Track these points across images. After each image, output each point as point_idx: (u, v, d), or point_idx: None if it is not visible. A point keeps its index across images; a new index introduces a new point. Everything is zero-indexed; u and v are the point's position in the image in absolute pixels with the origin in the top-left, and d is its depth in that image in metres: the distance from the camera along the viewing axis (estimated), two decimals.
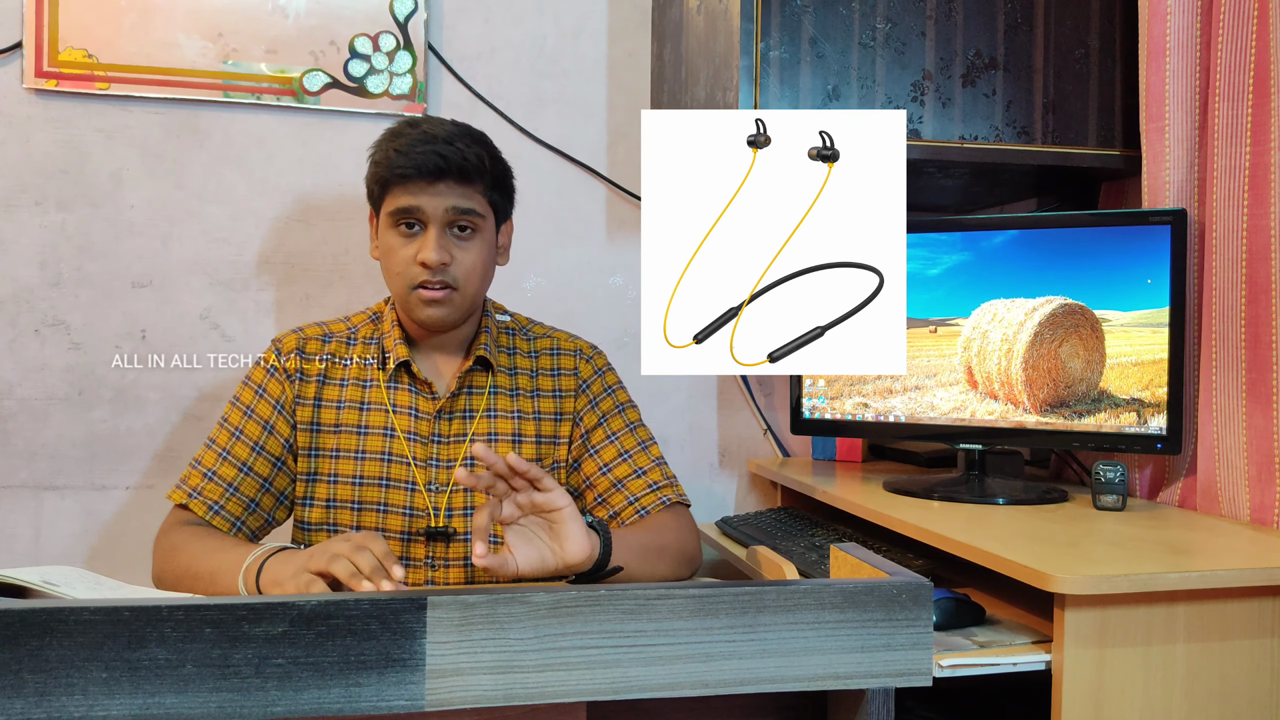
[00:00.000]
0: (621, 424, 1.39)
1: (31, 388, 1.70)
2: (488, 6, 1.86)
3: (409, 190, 1.26)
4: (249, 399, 1.33)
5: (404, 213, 1.28)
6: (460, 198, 1.28)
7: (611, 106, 1.91)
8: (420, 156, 1.25)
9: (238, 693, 0.64)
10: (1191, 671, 1.07)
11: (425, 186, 1.26)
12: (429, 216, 1.27)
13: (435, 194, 1.27)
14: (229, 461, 1.30)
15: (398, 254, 1.29)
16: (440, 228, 1.28)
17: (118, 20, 1.70)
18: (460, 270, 1.29)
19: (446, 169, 1.26)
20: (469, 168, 1.27)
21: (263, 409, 1.32)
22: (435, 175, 1.26)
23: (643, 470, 1.36)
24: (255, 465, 1.30)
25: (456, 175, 1.27)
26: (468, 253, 1.30)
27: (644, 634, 0.69)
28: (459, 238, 1.30)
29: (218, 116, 1.76)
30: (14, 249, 1.69)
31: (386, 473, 1.31)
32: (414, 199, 1.26)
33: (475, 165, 1.28)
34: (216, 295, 1.76)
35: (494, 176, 1.32)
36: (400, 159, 1.26)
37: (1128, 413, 1.41)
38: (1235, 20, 1.35)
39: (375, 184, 1.31)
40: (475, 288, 1.32)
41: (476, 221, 1.30)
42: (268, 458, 1.31)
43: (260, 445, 1.31)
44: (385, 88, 1.79)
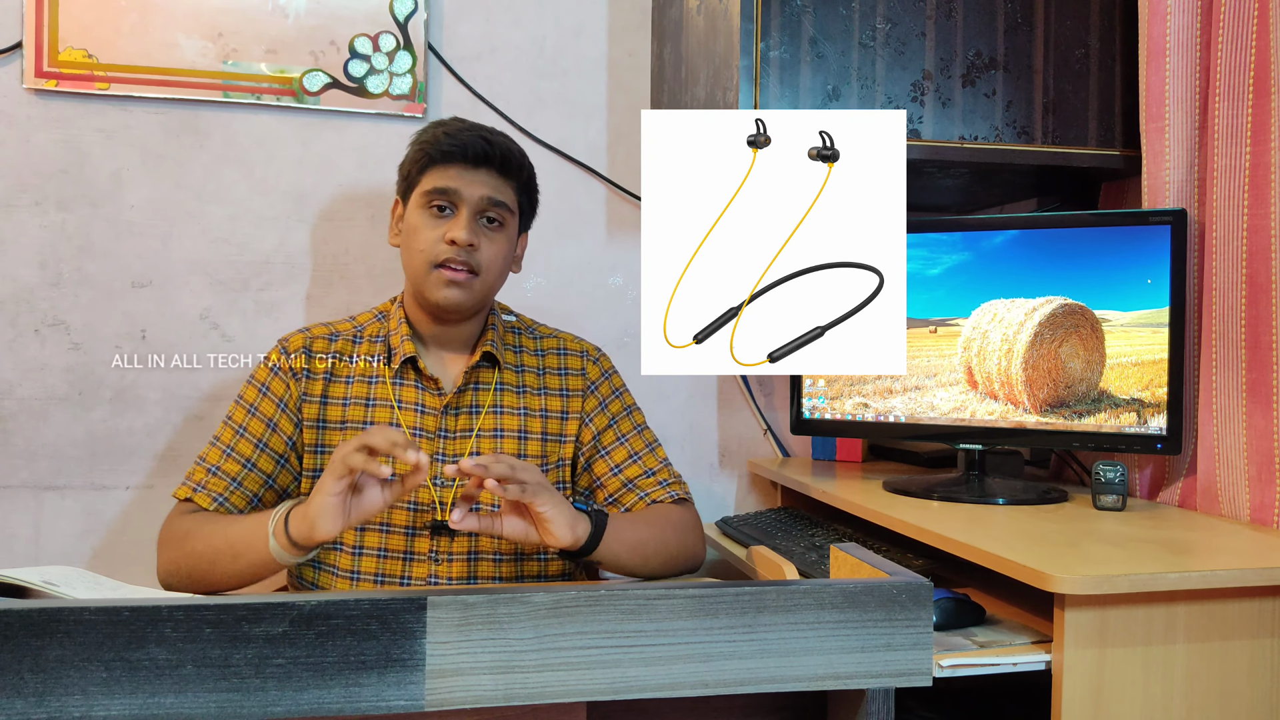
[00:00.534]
0: (630, 426, 1.43)
1: (31, 388, 1.70)
2: (488, 6, 1.86)
3: (449, 171, 1.31)
4: (253, 397, 1.34)
5: (440, 193, 1.31)
6: (496, 189, 1.32)
7: (611, 106, 1.91)
8: (468, 139, 1.31)
9: (238, 693, 0.64)
10: (1191, 671, 1.07)
11: (466, 169, 1.31)
12: (464, 200, 1.31)
13: (474, 179, 1.31)
14: (233, 458, 1.31)
15: (424, 233, 1.32)
16: (473, 213, 1.32)
17: (118, 20, 1.70)
18: (484, 257, 1.32)
19: (490, 155, 1.31)
20: (511, 160, 1.34)
21: (266, 407, 1.33)
22: (478, 160, 1.31)
23: (652, 470, 1.41)
24: (259, 462, 1.31)
25: (498, 165, 1.32)
26: (494, 243, 1.33)
27: (644, 634, 0.69)
28: (487, 228, 1.33)
29: (218, 116, 1.76)
30: (14, 249, 1.69)
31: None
32: (453, 180, 1.31)
33: (516, 161, 1.35)
34: (216, 295, 1.76)
35: (526, 178, 1.38)
36: (447, 140, 1.32)
37: (1128, 413, 1.41)
38: (1235, 20, 1.35)
39: (415, 164, 1.34)
40: (493, 280, 1.35)
41: (505, 216, 1.34)
42: (271, 455, 1.32)
43: (264, 442, 1.32)
44: (385, 88, 1.79)
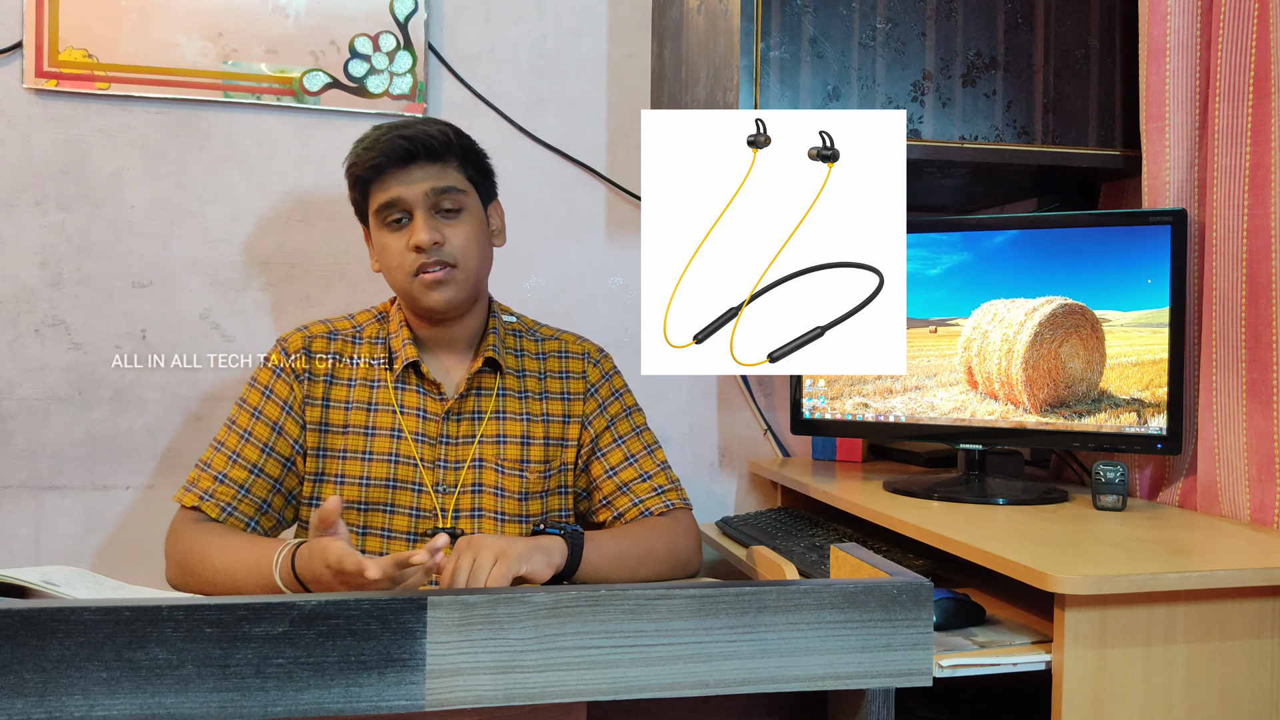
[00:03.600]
0: (628, 428, 1.42)
1: (32, 388, 1.70)
2: (488, 6, 1.86)
3: (385, 183, 1.29)
4: (256, 400, 1.33)
5: (388, 207, 1.29)
6: (436, 178, 1.30)
7: (611, 106, 1.91)
8: (385, 144, 1.28)
9: (238, 693, 0.64)
10: (1191, 671, 1.07)
11: (399, 174, 1.28)
12: (411, 203, 1.29)
13: (411, 179, 1.29)
14: (239, 464, 1.30)
15: (392, 248, 1.30)
16: (425, 211, 1.29)
17: (118, 20, 1.70)
18: (454, 247, 1.30)
19: (414, 150, 1.28)
20: (435, 144, 1.30)
21: (270, 410, 1.32)
22: (405, 159, 1.28)
23: (648, 474, 1.39)
24: (265, 467, 1.30)
25: (425, 154, 1.29)
26: (458, 230, 1.31)
27: (644, 634, 0.69)
28: (446, 218, 1.31)
29: (218, 116, 1.76)
30: (14, 249, 1.69)
31: (394, 474, 1.31)
32: (392, 189, 1.29)
33: (441, 141, 1.30)
34: (216, 295, 1.76)
35: (464, 150, 1.34)
36: (367, 154, 1.29)
37: (1128, 413, 1.41)
38: (1235, 20, 1.35)
39: (355, 190, 1.33)
40: (474, 264, 1.33)
41: (460, 199, 1.32)
42: (277, 459, 1.31)
43: (270, 446, 1.31)
44: (385, 88, 1.79)
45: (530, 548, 1.16)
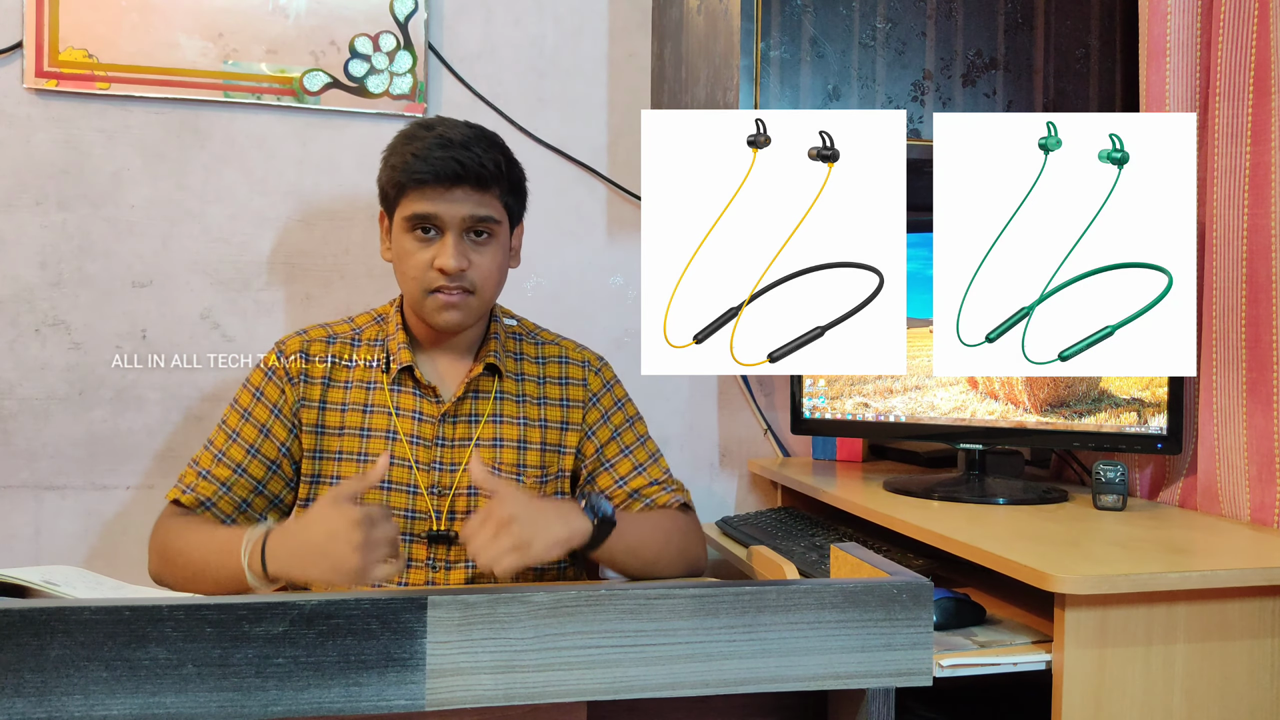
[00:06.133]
0: (634, 438, 1.42)
1: (32, 388, 1.70)
2: (488, 6, 1.86)
3: (426, 196, 1.25)
4: (246, 402, 1.33)
5: (420, 219, 1.26)
6: (477, 205, 1.27)
7: (611, 106, 1.91)
8: (438, 162, 1.24)
9: (238, 692, 0.64)
10: (1191, 671, 1.07)
11: (443, 193, 1.25)
12: (446, 223, 1.26)
13: (452, 200, 1.25)
14: (224, 462, 1.30)
15: (414, 258, 1.28)
16: (458, 234, 1.27)
17: (118, 20, 1.70)
18: (478, 274, 1.29)
19: (464, 175, 1.24)
20: (486, 175, 1.26)
21: (259, 412, 1.32)
22: (452, 181, 1.24)
23: (657, 480, 1.40)
24: (249, 468, 1.31)
25: (474, 182, 1.25)
26: (484, 257, 1.29)
27: (644, 634, 0.69)
28: (475, 243, 1.29)
29: (218, 116, 1.76)
30: (14, 249, 1.69)
31: (388, 476, 1.31)
32: (431, 205, 1.25)
33: (493, 172, 1.27)
34: (216, 295, 1.76)
35: (510, 181, 1.31)
36: (417, 164, 1.24)
37: (1128, 412, 1.41)
38: (1235, 20, 1.35)
39: (390, 187, 1.29)
40: (491, 291, 1.32)
41: (493, 227, 1.29)
42: (262, 461, 1.31)
43: (255, 448, 1.31)
44: (385, 88, 1.79)
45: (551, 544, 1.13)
